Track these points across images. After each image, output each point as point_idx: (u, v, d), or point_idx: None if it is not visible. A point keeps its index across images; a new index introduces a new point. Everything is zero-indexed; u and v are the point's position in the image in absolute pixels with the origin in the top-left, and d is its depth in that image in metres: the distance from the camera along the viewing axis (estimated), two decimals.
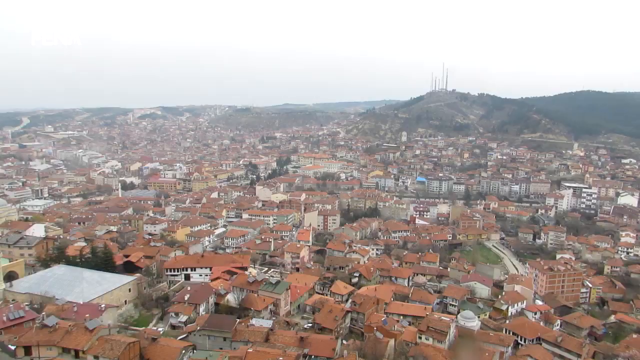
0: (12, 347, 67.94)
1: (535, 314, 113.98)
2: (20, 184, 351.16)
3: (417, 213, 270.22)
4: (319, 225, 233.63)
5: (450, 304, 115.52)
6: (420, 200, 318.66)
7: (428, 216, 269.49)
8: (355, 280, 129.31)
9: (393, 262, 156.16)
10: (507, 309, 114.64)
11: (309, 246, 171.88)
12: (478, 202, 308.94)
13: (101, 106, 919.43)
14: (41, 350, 66.90)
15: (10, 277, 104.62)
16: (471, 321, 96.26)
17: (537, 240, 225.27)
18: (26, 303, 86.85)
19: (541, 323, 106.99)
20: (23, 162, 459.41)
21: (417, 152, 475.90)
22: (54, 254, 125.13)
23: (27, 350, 67.34)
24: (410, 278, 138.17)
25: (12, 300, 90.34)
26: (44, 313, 79.00)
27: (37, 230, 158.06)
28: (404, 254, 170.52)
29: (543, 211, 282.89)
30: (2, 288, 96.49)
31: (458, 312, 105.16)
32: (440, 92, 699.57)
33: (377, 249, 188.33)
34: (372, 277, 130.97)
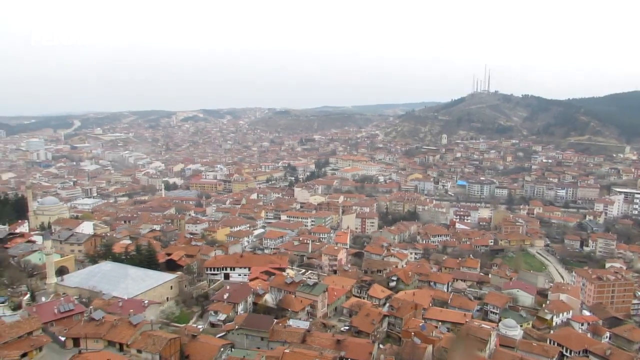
0: (62, 338, 71.30)
1: (582, 325, 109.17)
2: (72, 183, 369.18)
3: (458, 217, 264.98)
4: (356, 228, 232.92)
5: (491, 312, 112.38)
6: (461, 204, 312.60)
7: (469, 221, 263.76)
8: (393, 284, 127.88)
9: (432, 267, 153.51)
10: (552, 318, 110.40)
11: (347, 249, 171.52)
12: (521, 207, 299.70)
13: (146, 109, 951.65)
14: (88, 343, 69.74)
15: (61, 271, 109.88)
16: (513, 330, 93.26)
17: (585, 248, 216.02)
18: (75, 297, 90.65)
19: (588, 335, 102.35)
20: (74, 163, 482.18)
21: (458, 155, 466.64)
22: (101, 251, 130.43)
23: (76, 341, 70.38)
24: (450, 284, 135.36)
25: (63, 294, 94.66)
26: (91, 307, 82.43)
27: (86, 228, 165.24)
28: (444, 258, 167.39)
29: (591, 217, 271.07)
30: (54, 282, 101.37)
31: (499, 320, 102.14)
32: (482, 93, 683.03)
33: (415, 253, 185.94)
34: (410, 282, 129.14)
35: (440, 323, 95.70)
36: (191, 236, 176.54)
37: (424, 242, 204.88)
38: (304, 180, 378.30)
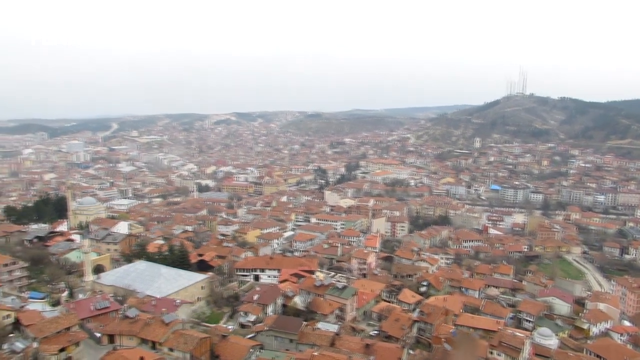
0: (98, 335, 73.53)
1: (622, 335, 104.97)
2: (109, 184, 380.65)
3: (491, 222, 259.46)
4: (386, 232, 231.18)
5: (526, 320, 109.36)
6: (494, 209, 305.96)
7: (502, 226, 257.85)
8: (423, 289, 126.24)
9: (464, 273, 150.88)
10: (590, 328, 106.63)
11: (377, 253, 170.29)
12: (558, 212, 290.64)
13: (181, 112, 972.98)
14: (123, 340, 71.69)
15: (98, 269, 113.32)
16: (549, 339, 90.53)
17: (625, 256, 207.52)
18: (111, 295, 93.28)
19: (629, 346, 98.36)
20: (111, 164, 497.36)
21: (492, 158, 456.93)
22: (136, 250, 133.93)
23: (111, 338, 72.49)
24: (482, 290, 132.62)
25: (99, 292, 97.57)
26: (126, 305, 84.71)
27: (122, 228, 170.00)
28: (476, 264, 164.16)
29: (633, 224, 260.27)
30: (91, 280, 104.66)
31: (534, 329, 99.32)
32: (517, 96, 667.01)
33: (447, 258, 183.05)
34: (441, 287, 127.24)
35: (472, 330, 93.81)
36: (222, 237, 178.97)
37: (456, 247, 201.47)
38: (334, 183, 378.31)
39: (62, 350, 64.17)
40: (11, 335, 67.02)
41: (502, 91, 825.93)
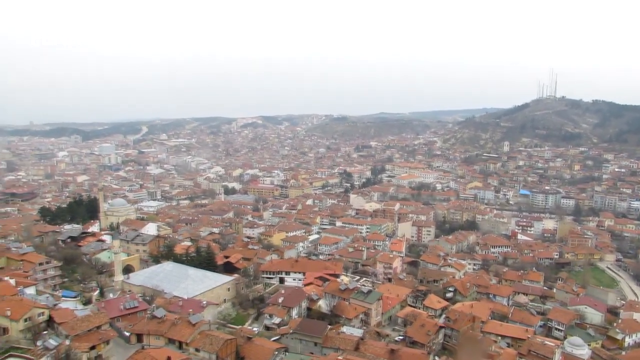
0: (127, 334, 75.11)
1: None
2: (138, 186, 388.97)
3: (520, 228, 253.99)
4: (412, 236, 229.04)
5: (556, 328, 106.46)
6: (523, 215, 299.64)
7: (531, 232, 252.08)
8: (449, 295, 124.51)
9: (491, 279, 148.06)
10: (624, 338, 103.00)
11: (402, 257, 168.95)
12: (590, 218, 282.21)
13: (208, 116, 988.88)
14: (150, 339, 73.01)
15: (127, 270, 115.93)
16: (580, 349, 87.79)
17: None
18: (140, 294, 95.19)
19: None
20: (141, 167, 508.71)
21: (521, 163, 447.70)
22: (164, 251, 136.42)
23: (139, 337, 73.93)
24: (510, 297, 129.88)
25: (129, 291, 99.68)
26: (154, 305, 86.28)
27: (150, 229, 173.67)
28: (504, 270, 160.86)
29: None
30: (121, 279, 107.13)
31: (565, 338, 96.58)
32: (548, 99, 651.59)
33: (474, 264, 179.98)
34: (468, 293, 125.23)
35: (499, 338, 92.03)
36: (248, 240, 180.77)
37: (483, 252, 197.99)
38: (360, 187, 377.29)
39: (92, 348, 65.77)
40: (45, 332, 69.14)
41: (532, 94, 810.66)
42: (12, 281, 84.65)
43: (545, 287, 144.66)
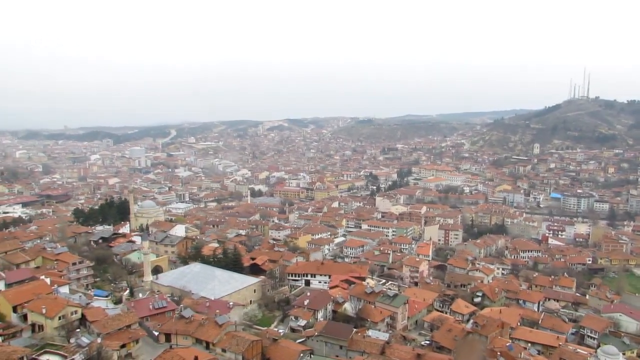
0: (156, 333, 76.56)
1: None
2: (167, 188, 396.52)
3: (551, 232, 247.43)
4: (439, 240, 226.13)
5: (589, 336, 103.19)
6: (555, 219, 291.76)
7: (563, 236, 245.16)
8: (477, 300, 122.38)
9: (521, 284, 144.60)
10: None
11: (429, 261, 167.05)
12: (625, 223, 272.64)
13: (235, 119, 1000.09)
14: (178, 339, 74.20)
15: (156, 270, 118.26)
16: (614, 357, 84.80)
17: None
18: (168, 295, 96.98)
19: None
20: (170, 170, 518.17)
21: (552, 165, 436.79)
22: (191, 253, 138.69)
23: (167, 337, 75.23)
24: (541, 303, 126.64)
25: (157, 291, 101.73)
26: (182, 305, 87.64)
27: (179, 231, 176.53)
28: (534, 275, 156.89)
29: None
30: (150, 280, 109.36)
31: (598, 346, 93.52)
32: (581, 99, 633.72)
33: (503, 269, 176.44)
34: (496, 298, 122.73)
35: (529, 344, 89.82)
36: (274, 242, 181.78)
37: (513, 257, 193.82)
38: (386, 190, 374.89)
39: (122, 346, 67.29)
40: (78, 330, 71.19)
41: (563, 95, 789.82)
42: (48, 280, 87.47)
43: (577, 294, 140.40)
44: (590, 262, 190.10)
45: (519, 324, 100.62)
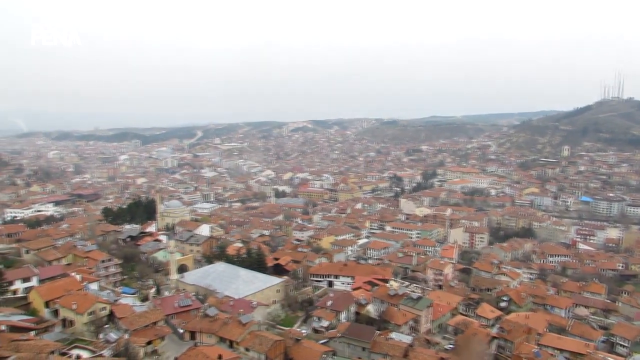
0: (181, 331, 77.90)
1: None
2: (193, 188, 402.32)
3: (580, 237, 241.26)
4: (464, 243, 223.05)
5: (620, 344, 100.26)
6: (584, 223, 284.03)
7: (593, 241, 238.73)
8: (503, 304, 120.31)
9: (549, 289, 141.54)
10: None
11: (454, 264, 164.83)
12: None
13: (260, 120, 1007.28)
14: (203, 337, 75.39)
15: (182, 269, 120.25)
16: None
17: None
18: (193, 293, 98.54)
19: None
20: (196, 170, 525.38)
21: (582, 168, 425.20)
22: (216, 252, 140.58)
23: (192, 334, 76.52)
24: (570, 309, 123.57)
25: (183, 290, 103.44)
26: (206, 304, 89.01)
27: (204, 230, 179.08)
28: (563, 281, 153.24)
29: None
30: (176, 278, 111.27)
31: (629, 355, 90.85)
32: (613, 100, 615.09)
33: (530, 273, 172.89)
34: (523, 303, 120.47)
35: (557, 351, 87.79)
36: (298, 242, 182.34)
37: (540, 261, 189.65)
38: (410, 192, 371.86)
39: (149, 343, 68.66)
40: (106, 326, 73.03)
41: (594, 96, 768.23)
42: (78, 277, 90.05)
43: (608, 300, 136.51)
44: (621, 268, 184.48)
45: (546, 330, 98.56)
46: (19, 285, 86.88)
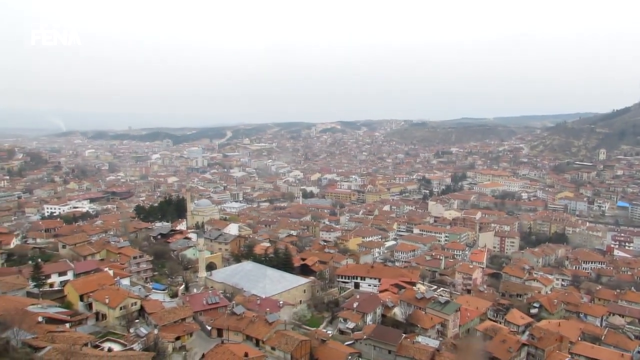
0: (209, 328, 79.14)
1: None
2: (222, 188, 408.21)
3: (616, 243, 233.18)
4: (494, 247, 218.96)
5: None
6: (621, 229, 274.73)
7: (631, 248, 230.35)
8: (534, 311, 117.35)
9: (582, 297, 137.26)
10: None
11: (483, 268, 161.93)
12: None
13: (289, 121, 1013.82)
14: (230, 334, 76.37)
15: (210, 267, 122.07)
16: None
17: None
18: (221, 291, 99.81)
19: None
20: (225, 170, 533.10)
21: (619, 172, 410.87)
22: (244, 251, 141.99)
23: (219, 332, 77.60)
24: (604, 318, 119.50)
25: (211, 287, 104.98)
26: (234, 302, 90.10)
27: (232, 229, 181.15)
28: (597, 288, 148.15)
29: None
30: (204, 276, 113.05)
31: None
32: None
33: (562, 280, 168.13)
34: (555, 311, 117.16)
35: None
36: (325, 243, 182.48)
37: (574, 268, 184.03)
38: (439, 194, 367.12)
39: (177, 338, 70.18)
40: (137, 320, 74.91)
41: (633, 98, 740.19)
42: (111, 272, 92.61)
43: None
44: None
45: (579, 338, 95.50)
46: (55, 279, 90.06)
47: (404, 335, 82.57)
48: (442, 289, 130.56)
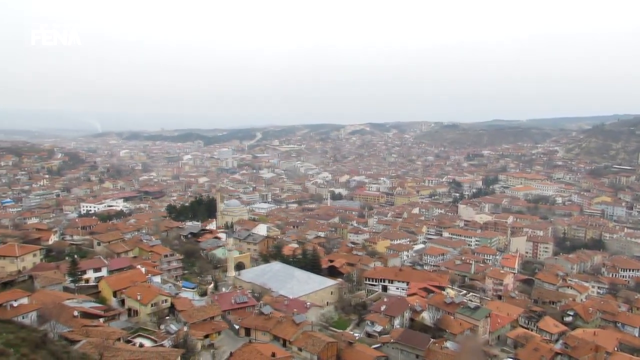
0: (237, 327, 80.00)
1: None
2: (252, 188, 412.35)
3: None
4: (527, 252, 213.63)
5: None
6: None
7: None
8: (568, 319, 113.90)
9: (620, 306, 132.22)
10: None
11: (514, 274, 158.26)
12: None
13: (318, 122, 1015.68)
14: (257, 334, 76.98)
15: (239, 266, 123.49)
16: None
17: None
18: (249, 291, 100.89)
19: None
20: (254, 171, 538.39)
21: None
22: (272, 251, 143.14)
23: (247, 331, 78.32)
24: None
25: (239, 287, 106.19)
26: (261, 302, 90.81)
27: (261, 230, 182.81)
28: (636, 297, 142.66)
29: None
30: (233, 275, 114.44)
31: None
32: None
33: (599, 287, 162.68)
34: (590, 319, 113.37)
35: None
36: (352, 245, 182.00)
37: (611, 275, 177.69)
38: (470, 197, 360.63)
39: (206, 336, 71.19)
40: (167, 317, 76.41)
41: None
42: (143, 269, 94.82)
43: None
44: None
45: (616, 349, 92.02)
46: (90, 275, 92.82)
47: (432, 340, 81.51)
48: (471, 294, 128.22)
